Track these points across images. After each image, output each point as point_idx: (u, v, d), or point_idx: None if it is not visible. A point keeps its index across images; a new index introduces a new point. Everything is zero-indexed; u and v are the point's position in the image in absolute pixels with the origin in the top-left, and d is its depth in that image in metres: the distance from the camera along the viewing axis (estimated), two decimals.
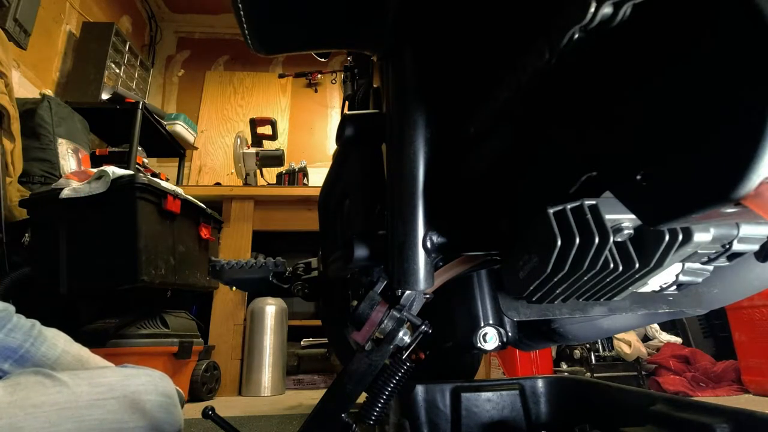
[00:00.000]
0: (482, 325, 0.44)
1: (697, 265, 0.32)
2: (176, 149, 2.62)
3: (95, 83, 2.20)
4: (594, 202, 0.27)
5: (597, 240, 0.26)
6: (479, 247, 0.38)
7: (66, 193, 1.31)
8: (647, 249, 0.27)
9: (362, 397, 0.42)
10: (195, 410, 0.82)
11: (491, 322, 0.44)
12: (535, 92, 0.27)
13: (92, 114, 1.99)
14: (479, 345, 0.43)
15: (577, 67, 0.24)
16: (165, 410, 0.73)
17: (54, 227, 1.33)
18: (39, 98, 1.71)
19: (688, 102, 0.18)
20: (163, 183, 1.45)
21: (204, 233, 1.65)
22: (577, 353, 1.73)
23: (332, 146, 3.05)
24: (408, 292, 0.41)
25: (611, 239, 0.26)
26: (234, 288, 1.33)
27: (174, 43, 3.35)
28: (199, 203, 1.63)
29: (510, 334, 0.45)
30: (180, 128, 2.55)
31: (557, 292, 0.32)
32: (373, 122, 0.49)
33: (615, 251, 0.28)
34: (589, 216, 0.27)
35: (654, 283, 0.35)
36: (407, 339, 0.41)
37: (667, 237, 0.26)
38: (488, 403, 0.48)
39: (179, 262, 1.48)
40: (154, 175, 1.92)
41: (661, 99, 0.20)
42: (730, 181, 0.16)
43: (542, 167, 0.32)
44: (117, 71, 2.36)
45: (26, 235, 1.41)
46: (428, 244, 0.38)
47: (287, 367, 1.94)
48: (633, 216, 0.26)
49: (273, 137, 2.49)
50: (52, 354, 0.75)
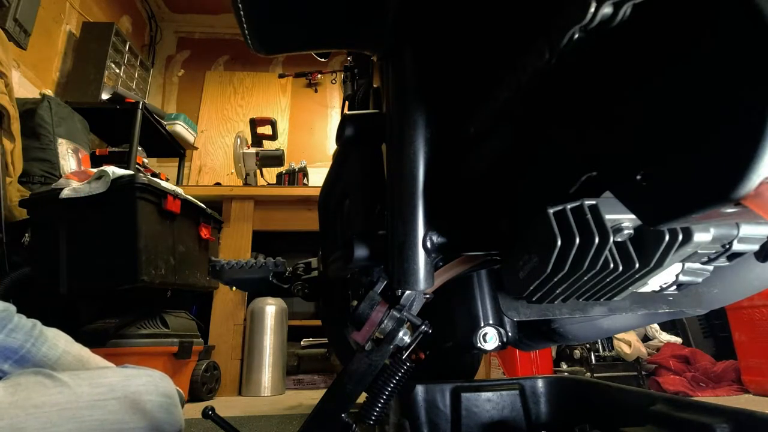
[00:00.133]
0: (482, 325, 0.44)
1: (697, 265, 0.32)
2: (176, 149, 2.62)
3: (95, 83, 2.20)
4: (594, 202, 0.27)
5: (597, 240, 0.26)
6: (479, 247, 0.38)
7: (66, 193, 1.31)
8: (647, 249, 0.27)
9: (362, 397, 0.42)
10: (195, 410, 0.82)
11: (491, 322, 0.44)
12: (535, 92, 0.27)
13: (92, 114, 1.99)
14: (479, 345, 0.43)
15: (577, 67, 0.24)
16: (165, 410, 0.73)
17: (54, 227, 1.33)
18: (39, 98, 1.71)
19: (688, 102, 0.18)
20: (163, 183, 1.45)
21: (204, 233, 1.65)
22: (577, 353, 1.73)
23: (332, 146, 3.05)
24: (408, 292, 0.41)
25: (611, 239, 0.26)
26: (234, 288, 1.33)
27: (174, 43, 3.35)
28: (199, 203, 1.63)
29: (510, 334, 0.45)
30: (180, 128, 2.55)
31: (557, 292, 0.32)
32: (373, 122, 0.49)
33: (615, 251, 0.28)
34: (589, 216, 0.27)
35: (654, 283, 0.35)
36: (407, 339, 0.41)
37: (667, 237, 0.26)
38: (488, 403, 0.48)
39: (179, 262, 1.48)
40: (154, 175, 1.92)
41: (661, 99, 0.20)
42: (730, 181, 0.16)
43: (542, 167, 0.32)
44: (117, 71, 2.36)
45: (26, 235, 1.41)
46: (428, 244, 0.38)
47: (287, 367, 1.94)
48: (633, 216, 0.26)
49: (273, 137, 2.49)
50: (53, 354, 0.75)
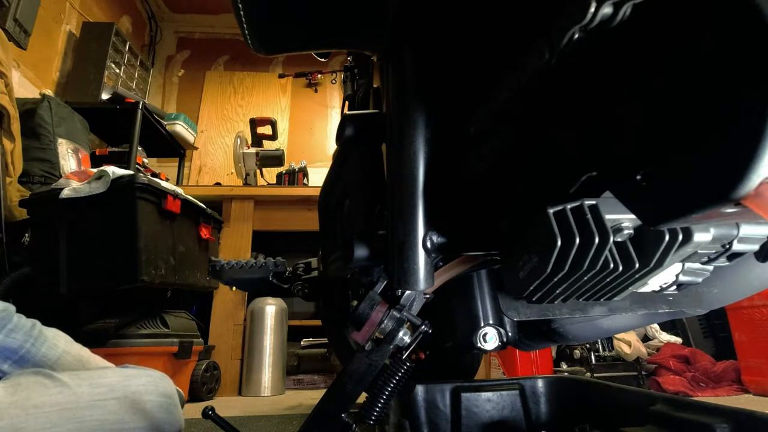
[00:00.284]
0: (482, 325, 0.44)
1: (697, 265, 0.32)
2: (176, 149, 2.62)
3: (95, 83, 2.20)
4: (594, 202, 0.27)
5: (597, 240, 0.26)
6: (479, 247, 0.38)
7: (66, 193, 1.31)
8: (647, 249, 0.27)
9: (362, 397, 0.42)
10: (195, 410, 0.82)
11: (491, 322, 0.44)
12: (535, 92, 0.27)
13: (92, 114, 1.99)
14: (479, 345, 0.43)
15: (577, 67, 0.24)
16: (165, 411, 0.73)
17: (54, 227, 1.33)
18: (39, 98, 1.71)
19: (688, 102, 0.18)
20: (163, 183, 1.45)
21: (204, 233, 1.65)
22: (577, 353, 1.73)
23: (332, 146, 3.05)
24: (408, 292, 0.41)
25: (611, 239, 0.26)
26: (234, 288, 1.33)
27: (174, 43, 3.35)
28: (199, 203, 1.63)
29: (510, 334, 0.45)
30: (180, 128, 2.55)
31: (557, 292, 0.32)
32: (373, 122, 0.49)
33: (615, 251, 0.28)
34: (589, 216, 0.27)
35: (654, 283, 0.35)
36: (407, 339, 0.41)
37: (667, 237, 0.26)
38: (488, 403, 0.48)
39: (179, 262, 1.48)
40: (154, 175, 1.92)
41: (661, 99, 0.20)
42: (730, 181, 0.16)
43: (542, 167, 0.32)
44: (117, 71, 2.36)
45: (26, 235, 1.41)
46: (428, 244, 0.38)
47: (287, 367, 1.94)
48: (633, 216, 0.26)
49: (273, 137, 2.49)
50: (53, 354, 0.75)
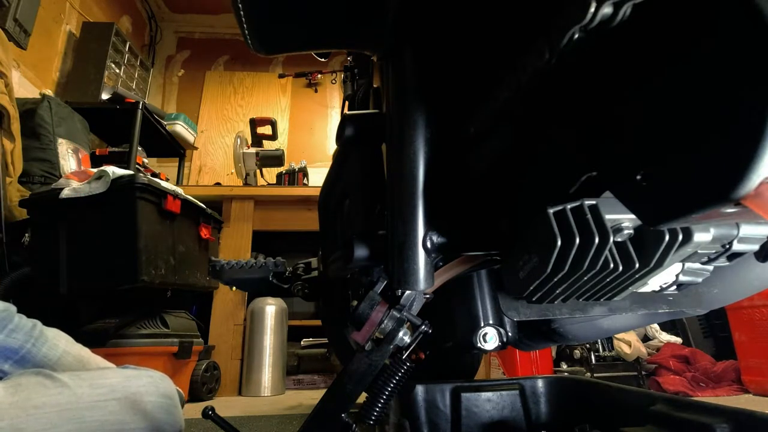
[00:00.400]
0: (482, 325, 0.44)
1: (697, 265, 0.32)
2: (176, 149, 2.62)
3: (95, 83, 2.20)
4: (594, 202, 0.27)
5: (597, 240, 0.26)
6: (479, 247, 0.38)
7: (66, 193, 1.31)
8: (647, 249, 0.27)
9: (362, 397, 0.42)
10: (195, 410, 0.82)
11: (491, 322, 0.44)
12: (535, 92, 0.27)
13: (92, 114, 1.99)
14: (479, 345, 0.43)
15: (577, 68, 0.24)
16: (166, 411, 0.73)
17: (54, 227, 1.33)
18: (39, 98, 1.71)
19: (688, 102, 0.18)
20: (163, 183, 1.45)
21: (204, 233, 1.65)
22: (577, 353, 1.73)
23: (332, 146, 3.05)
24: (408, 292, 0.41)
25: (611, 239, 0.26)
26: (234, 288, 1.33)
27: (174, 43, 3.35)
28: (199, 203, 1.63)
29: (510, 334, 0.45)
30: (180, 128, 2.55)
31: (557, 292, 0.32)
32: (373, 122, 0.49)
33: (615, 251, 0.28)
34: (589, 216, 0.27)
35: (654, 283, 0.35)
36: (407, 339, 0.41)
37: (667, 237, 0.26)
38: (488, 403, 0.48)
39: (179, 262, 1.48)
40: (154, 175, 1.92)
41: (661, 99, 0.20)
42: (730, 181, 0.16)
43: (542, 167, 0.32)
44: (117, 71, 2.36)
45: (26, 235, 1.41)
46: (428, 244, 0.38)
47: (287, 367, 1.94)
48: (633, 216, 0.26)
49: (273, 137, 2.49)
50: (54, 355, 0.75)
